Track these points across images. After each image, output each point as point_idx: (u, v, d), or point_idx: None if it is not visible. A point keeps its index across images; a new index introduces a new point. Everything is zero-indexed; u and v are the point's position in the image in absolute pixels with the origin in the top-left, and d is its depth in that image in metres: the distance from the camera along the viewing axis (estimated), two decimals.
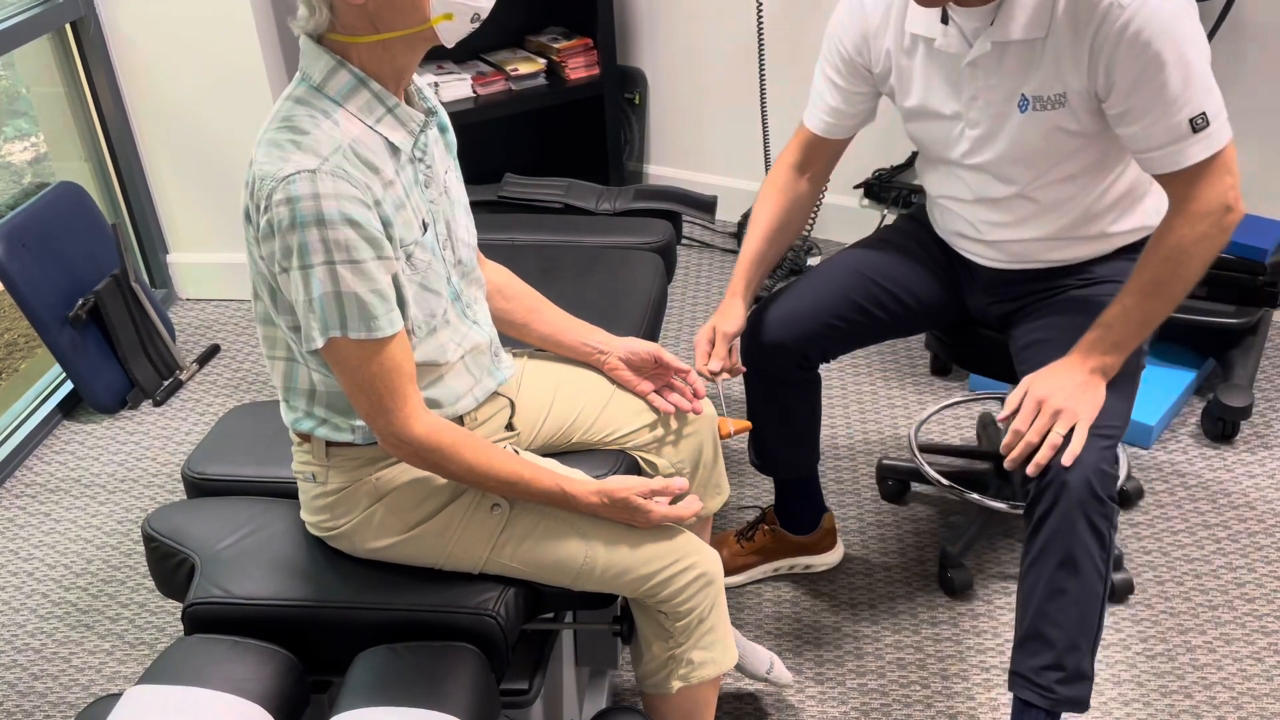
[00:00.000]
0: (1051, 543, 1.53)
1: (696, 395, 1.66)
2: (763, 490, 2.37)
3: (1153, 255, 1.56)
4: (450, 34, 1.29)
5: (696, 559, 1.46)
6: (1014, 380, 1.71)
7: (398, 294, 1.31)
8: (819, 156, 1.87)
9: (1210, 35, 2.46)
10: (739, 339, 1.85)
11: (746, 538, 2.13)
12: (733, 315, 1.82)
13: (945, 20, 1.61)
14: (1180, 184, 1.53)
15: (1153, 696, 1.87)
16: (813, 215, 3.17)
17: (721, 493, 1.79)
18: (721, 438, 1.72)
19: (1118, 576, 2.04)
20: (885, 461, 2.32)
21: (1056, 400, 1.54)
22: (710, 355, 1.79)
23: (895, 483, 2.32)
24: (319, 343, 1.27)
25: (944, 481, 2.20)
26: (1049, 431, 1.53)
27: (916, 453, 2.27)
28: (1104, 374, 1.58)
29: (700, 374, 1.72)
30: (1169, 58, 1.46)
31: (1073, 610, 1.55)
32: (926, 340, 2.13)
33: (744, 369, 1.87)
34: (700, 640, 1.49)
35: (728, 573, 2.11)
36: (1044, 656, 1.58)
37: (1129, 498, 2.26)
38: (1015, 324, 1.79)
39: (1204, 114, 1.48)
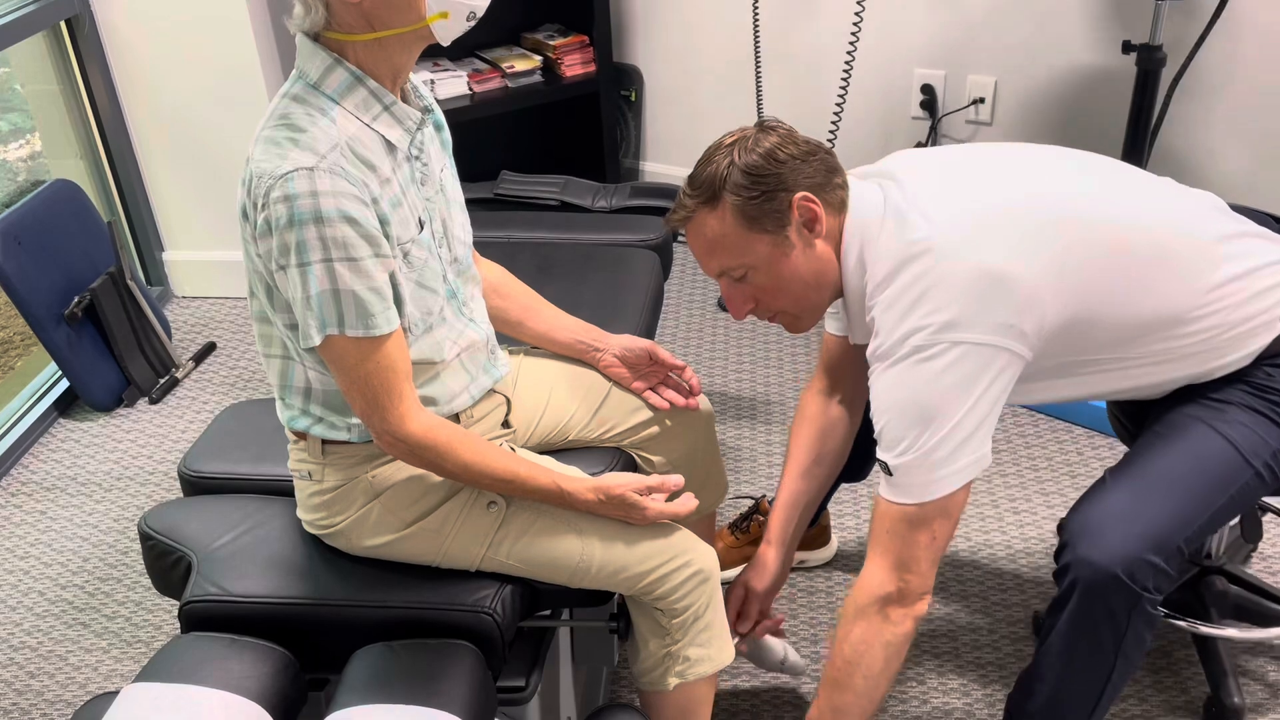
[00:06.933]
0: (1057, 611, 1.43)
1: (692, 391, 1.66)
2: (759, 483, 2.37)
3: (830, 658, 1.46)
4: (446, 32, 1.29)
5: (692, 555, 1.46)
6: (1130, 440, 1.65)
7: (394, 292, 1.31)
8: (844, 368, 1.69)
9: (1204, 34, 2.46)
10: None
11: (741, 529, 2.13)
12: (765, 569, 1.69)
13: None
14: (871, 531, 1.44)
15: (1149, 693, 1.87)
16: None
17: (720, 488, 1.79)
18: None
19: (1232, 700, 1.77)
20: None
21: None
22: (740, 615, 1.68)
23: None
24: (316, 340, 1.27)
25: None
26: None
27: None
28: None
29: (734, 634, 1.64)
30: (900, 403, 1.35)
31: (1034, 685, 1.49)
32: None
33: (782, 626, 1.78)
34: (696, 637, 1.49)
35: (723, 566, 2.11)
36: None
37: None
38: (1152, 410, 1.59)
39: (887, 465, 1.38)
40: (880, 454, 1.39)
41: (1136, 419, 1.66)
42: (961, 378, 1.32)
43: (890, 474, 1.38)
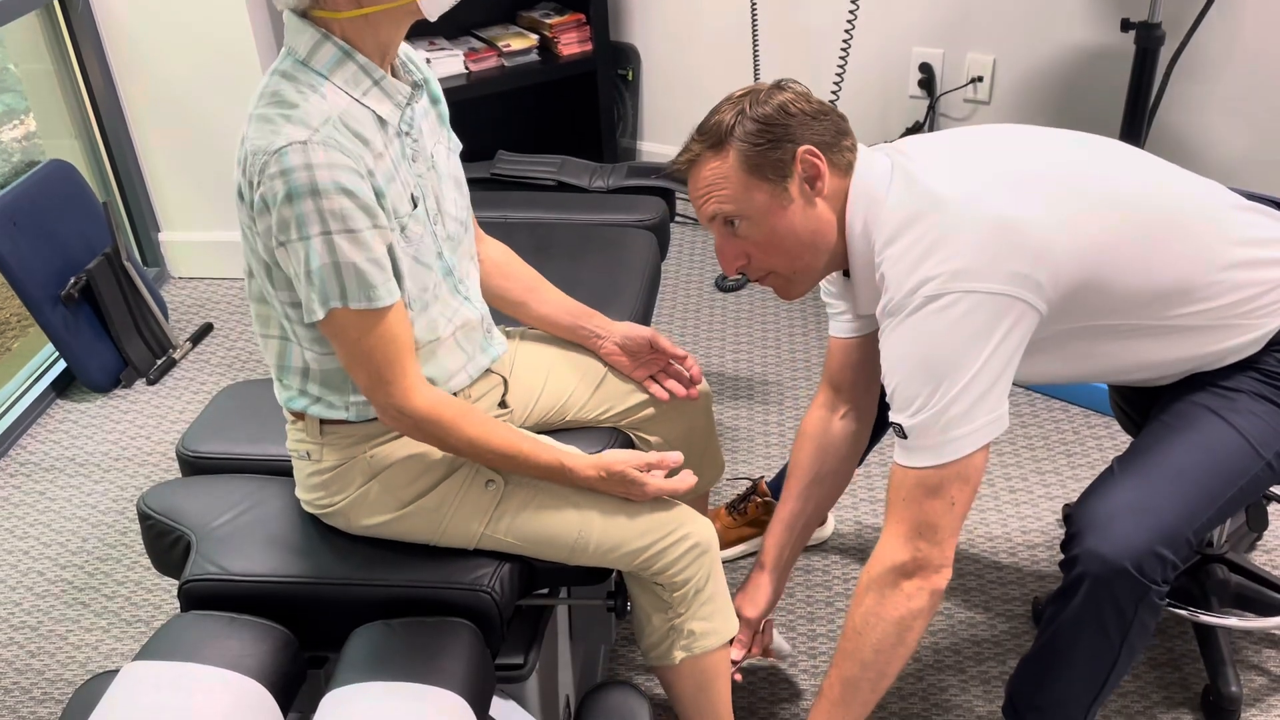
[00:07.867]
0: (1062, 601, 1.42)
1: (693, 380, 1.66)
2: (756, 463, 2.38)
3: (844, 627, 1.44)
4: (433, 7, 1.28)
5: (690, 529, 1.47)
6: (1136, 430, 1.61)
7: (394, 266, 1.31)
8: (848, 377, 1.67)
9: (1203, 12, 2.46)
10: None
11: (738, 510, 2.13)
12: (757, 595, 1.68)
13: (846, 274, 1.51)
14: (887, 501, 1.40)
15: (1150, 685, 1.88)
16: None
17: (716, 468, 1.79)
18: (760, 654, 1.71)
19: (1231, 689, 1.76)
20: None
21: None
22: (733, 642, 1.63)
23: None
24: (319, 315, 1.27)
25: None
26: None
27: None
28: None
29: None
30: (912, 358, 1.32)
31: (1037, 673, 1.50)
32: None
33: (780, 653, 1.77)
34: (699, 610, 1.50)
35: (721, 546, 2.12)
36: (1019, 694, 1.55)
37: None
38: (1159, 399, 1.58)
39: (901, 427, 1.34)
40: (893, 416, 1.36)
41: (1141, 407, 1.65)
42: (975, 329, 1.28)
43: (904, 437, 1.34)
